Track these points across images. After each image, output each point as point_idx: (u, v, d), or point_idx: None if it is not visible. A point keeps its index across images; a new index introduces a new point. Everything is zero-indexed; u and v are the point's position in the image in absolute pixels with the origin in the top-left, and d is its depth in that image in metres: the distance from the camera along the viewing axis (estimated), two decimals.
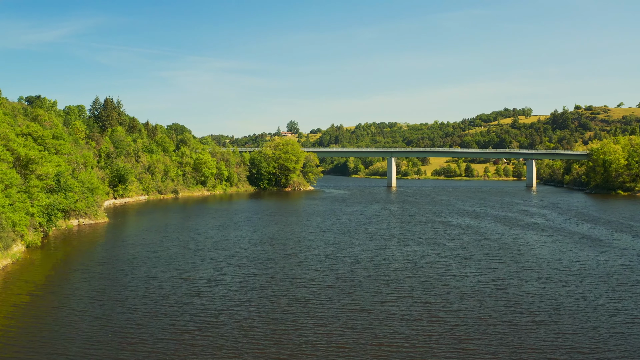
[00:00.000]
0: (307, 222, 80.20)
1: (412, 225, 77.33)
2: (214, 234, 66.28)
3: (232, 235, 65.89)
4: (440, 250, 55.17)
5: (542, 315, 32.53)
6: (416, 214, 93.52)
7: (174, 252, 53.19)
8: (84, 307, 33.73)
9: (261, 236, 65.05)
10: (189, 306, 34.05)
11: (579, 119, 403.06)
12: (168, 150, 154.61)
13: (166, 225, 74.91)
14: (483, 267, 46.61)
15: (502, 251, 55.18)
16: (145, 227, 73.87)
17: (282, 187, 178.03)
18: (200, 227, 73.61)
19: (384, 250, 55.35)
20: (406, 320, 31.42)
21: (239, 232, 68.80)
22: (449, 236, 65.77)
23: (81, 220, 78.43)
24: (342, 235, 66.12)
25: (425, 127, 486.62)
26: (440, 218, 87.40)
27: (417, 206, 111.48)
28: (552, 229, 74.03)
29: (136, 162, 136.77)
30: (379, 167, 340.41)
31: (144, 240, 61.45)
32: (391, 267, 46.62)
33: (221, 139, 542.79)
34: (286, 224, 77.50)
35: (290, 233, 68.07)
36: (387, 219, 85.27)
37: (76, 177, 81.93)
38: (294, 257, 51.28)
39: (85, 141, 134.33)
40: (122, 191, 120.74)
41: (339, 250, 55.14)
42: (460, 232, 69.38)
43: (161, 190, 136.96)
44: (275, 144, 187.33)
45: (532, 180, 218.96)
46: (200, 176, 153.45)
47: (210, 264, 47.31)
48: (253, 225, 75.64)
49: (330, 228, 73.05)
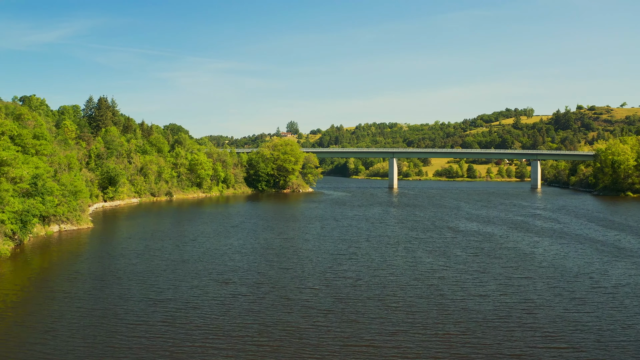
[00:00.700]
0: (305, 229, 74.48)
1: (418, 231, 71.57)
2: (202, 243, 60.56)
3: (222, 244, 60.18)
4: (452, 263, 49.44)
5: (587, 350, 26.83)
6: (421, 219, 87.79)
7: (155, 265, 47.51)
8: (33, 340, 28.01)
9: (254, 245, 59.36)
10: (160, 338, 28.33)
11: (581, 119, 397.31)
12: (163, 151, 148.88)
13: (152, 232, 69.24)
14: (504, 284, 40.88)
15: (521, 263, 49.47)
16: (130, 234, 68.24)
17: (281, 188, 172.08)
18: (189, 234, 67.95)
19: (389, 262, 49.62)
20: (423, 359, 25.77)
21: (230, 240, 63.07)
22: (460, 245, 60.02)
23: (62, 226, 72.83)
24: (342, 244, 60.40)
25: (426, 128, 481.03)
26: (447, 223, 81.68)
27: (421, 209, 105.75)
28: (570, 235, 68.28)
29: (128, 163, 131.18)
30: (380, 167, 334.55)
31: (124, 250, 55.75)
32: (399, 284, 40.89)
33: (220, 139, 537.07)
34: (282, 231, 71.82)
35: (286, 241, 62.36)
36: (390, 225, 79.54)
37: (58, 179, 76.37)
38: (289, 271, 45.57)
39: (76, 141, 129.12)
40: (113, 194, 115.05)
41: (340, 263, 49.42)
42: (472, 240, 63.66)
43: (154, 193, 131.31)
44: (273, 145, 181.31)
45: (537, 182, 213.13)
46: (195, 178, 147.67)
47: (193, 280, 41.62)
48: (246, 232, 69.95)
49: (329, 235, 67.34)
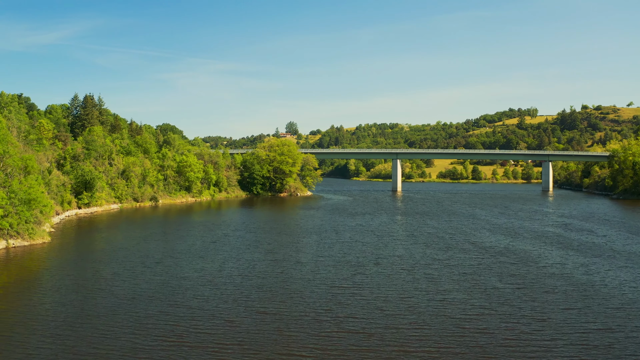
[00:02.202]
0: (299, 246, 62.44)
1: (436, 250, 59.52)
2: (168, 266, 48.64)
3: (194, 267, 48.27)
4: (493, 302, 37.12)
5: None
6: (436, 231, 75.74)
7: (96, 304, 35.67)
8: None
9: (233, 269, 47.42)
10: None
11: (588, 119, 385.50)
12: (150, 152, 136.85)
13: (116, 250, 57.39)
14: (582, 347, 29.04)
15: (585, 301, 37.35)
16: (88, 252, 56.43)
17: (277, 192, 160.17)
18: (157, 252, 56.09)
19: (408, 301, 37.41)
20: None
21: (205, 262, 51.11)
22: (494, 271, 47.83)
23: (11, 241, 61.18)
24: (345, 269, 48.38)
25: (428, 128, 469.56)
26: (468, 237, 69.66)
27: (433, 218, 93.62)
28: (622, 254, 56.14)
29: (109, 165, 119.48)
30: (382, 169, 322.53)
31: (70, 276, 43.92)
32: (426, 340, 29.05)
33: (218, 140, 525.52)
34: (271, 248, 59.86)
35: (274, 265, 50.36)
36: (401, 240, 67.53)
37: (7, 185, 64.70)
38: (271, 316, 33.68)
39: (52, 142, 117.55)
40: (88, 199, 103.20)
41: (342, 302, 37.21)
42: (505, 263, 51.62)
43: (137, 198, 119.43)
44: (269, 145, 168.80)
45: (548, 184, 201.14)
46: (184, 181, 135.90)
47: (136, 330, 29.78)
48: (228, 250, 58.04)
49: (328, 255, 55.35)
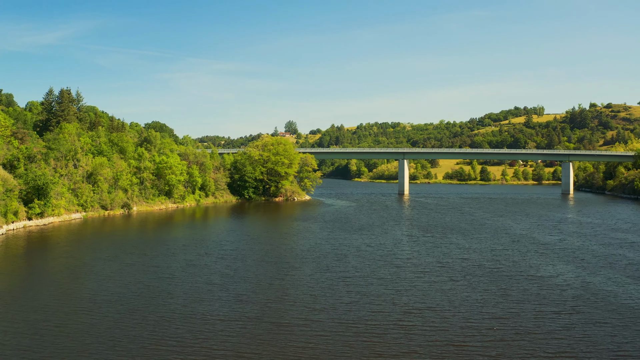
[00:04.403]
0: (285, 283, 45.11)
1: (481, 290, 42.28)
2: (91, 319, 31.79)
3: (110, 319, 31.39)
4: None
5: None
6: (471, 254, 58.16)
7: None
8: None
9: (178, 328, 30.57)
10: None
11: (599, 117, 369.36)
12: (127, 151, 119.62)
13: (35, 291, 40.46)
14: None
15: None
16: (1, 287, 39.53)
17: (272, 196, 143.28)
18: (88, 292, 39.16)
19: None
20: None
21: (149, 315, 34.17)
22: (580, 329, 30.98)
23: None
24: (350, 334, 31.54)
25: (431, 127, 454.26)
26: (518, 266, 52.03)
27: (459, 233, 75.46)
28: None
29: (74, 167, 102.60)
30: (384, 170, 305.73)
31: None
32: None
33: (216, 140, 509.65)
34: (248, 289, 42.73)
35: (242, 326, 33.45)
36: (429, 270, 50.14)
37: None
38: None
39: (7, 140, 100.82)
40: (41, 208, 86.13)
41: None
42: (594, 314, 34.85)
43: (106, 205, 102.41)
44: (263, 144, 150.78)
45: (569, 186, 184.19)
46: (164, 184, 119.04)
47: None
48: (179, 293, 41.09)
49: (324, 303, 38.23)
